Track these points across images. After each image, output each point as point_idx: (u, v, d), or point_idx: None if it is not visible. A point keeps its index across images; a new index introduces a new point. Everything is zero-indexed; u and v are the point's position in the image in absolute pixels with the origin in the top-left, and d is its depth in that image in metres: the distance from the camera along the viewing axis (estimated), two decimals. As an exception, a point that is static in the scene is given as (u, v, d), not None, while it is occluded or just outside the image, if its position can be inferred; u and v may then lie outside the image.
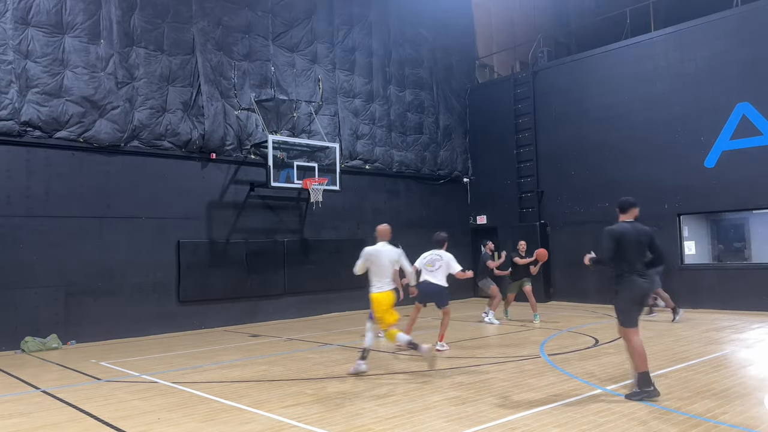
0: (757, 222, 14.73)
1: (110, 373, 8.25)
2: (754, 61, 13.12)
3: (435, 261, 9.35)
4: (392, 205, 16.94)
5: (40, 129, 11.09)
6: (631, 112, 15.08)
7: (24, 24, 11.04)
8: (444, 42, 18.49)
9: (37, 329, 10.81)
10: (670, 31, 14.63)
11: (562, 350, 8.86)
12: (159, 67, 12.64)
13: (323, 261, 14.87)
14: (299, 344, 10.43)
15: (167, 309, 12.42)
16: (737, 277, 13.40)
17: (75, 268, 11.37)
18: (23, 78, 10.95)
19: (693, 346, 8.87)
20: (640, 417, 5.30)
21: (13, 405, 6.57)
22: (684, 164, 14.09)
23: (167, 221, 12.58)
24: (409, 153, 17.41)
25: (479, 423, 5.28)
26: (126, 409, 6.24)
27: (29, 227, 10.95)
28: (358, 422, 5.44)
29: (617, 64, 15.49)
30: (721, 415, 5.29)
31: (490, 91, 18.87)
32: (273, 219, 14.33)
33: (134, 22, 12.38)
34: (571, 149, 16.31)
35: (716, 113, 13.63)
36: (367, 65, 16.54)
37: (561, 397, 6.06)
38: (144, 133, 12.32)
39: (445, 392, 6.46)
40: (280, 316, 13.88)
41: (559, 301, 16.36)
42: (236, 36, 13.91)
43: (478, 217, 18.66)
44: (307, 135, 14.85)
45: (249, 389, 6.98)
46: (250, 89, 14.02)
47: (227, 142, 13.48)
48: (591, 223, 15.80)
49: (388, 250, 7.66)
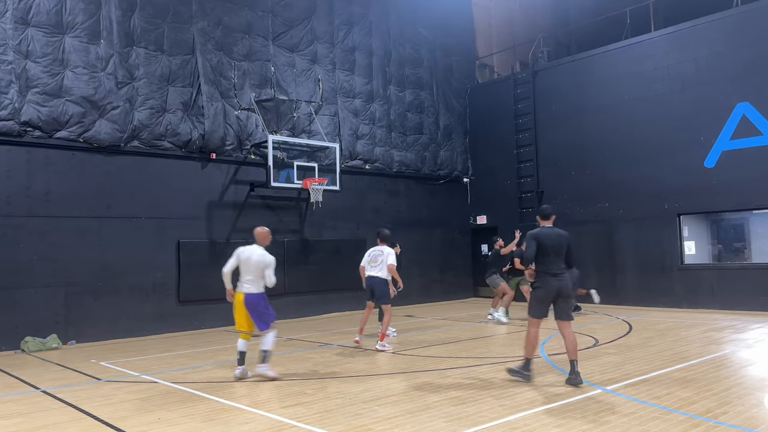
0: (757, 222, 14.73)
1: (110, 373, 8.25)
2: (754, 61, 13.13)
3: (377, 257, 9.65)
4: (392, 205, 16.95)
5: (40, 129, 11.09)
6: (631, 112, 15.09)
7: (24, 24, 11.03)
8: (444, 42, 18.49)
9: (37, 329, 10.80)
10: (670, 31, 14.64)
11: (562, 350, 8.83)
12: (159, 67, 12.64)
13: (323, 261, 14.87)
14: (299, 344, 10.43)
15: (167, 309, 12.42)
16: (737, 277, 13.40)
17: (75, 268, 11.36)
18: (23, 78, 10.95)
19: (693, 346, 8.87)
20: (640, 417, 5.30)
21: (13, 405, 6.57)
22: (684, 164, 14.10)
23: (167, 221, 12.58)
24: (409, 153, 17.41)
25: (479, 423, 5.28)
26: (126, 409, 6.24)
27: (29, 227, 10.95)
28: (358, 422, 5.44)
29: (617, 64, 15.49)
30: (721, 415, 5.29)
31: (490, 91, 18.87)
32: (273, 219, 14.32)
33: (134, 22, 12.38)
34: (571, 149, 16.31)
35: (716, 113, 13.63)
36: (367, 65, 16.54)
37: (561, 397, 6.06)
38: (144, 133, 12.33)
39: (445, 392, 6.46)
40: (280, 316, 13.77)
41: (559, 301, 16.33)
42: (236, 36, 13.91)
43: (478, 217, 18.67)
44: (307, 135, 14.85)
45: (249, 389, 6.98)
46: (250, 89, 14.03)
47: (227, 142, 13.48)
48: (591, 223, 15.84)
49: (260, 254, 7.49)
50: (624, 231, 15.22)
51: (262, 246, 7.62)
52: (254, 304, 7.41)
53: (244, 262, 7.49)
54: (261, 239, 7.67)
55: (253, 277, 7.44)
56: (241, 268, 7.52)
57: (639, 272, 14.90)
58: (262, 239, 7.68)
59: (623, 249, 15.25)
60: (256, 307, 7.41)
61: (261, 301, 7.45)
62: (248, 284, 7.44)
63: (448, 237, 18.24)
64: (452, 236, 18.41)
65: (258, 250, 7.53)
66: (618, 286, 15.22)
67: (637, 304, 14.64)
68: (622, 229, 15.26)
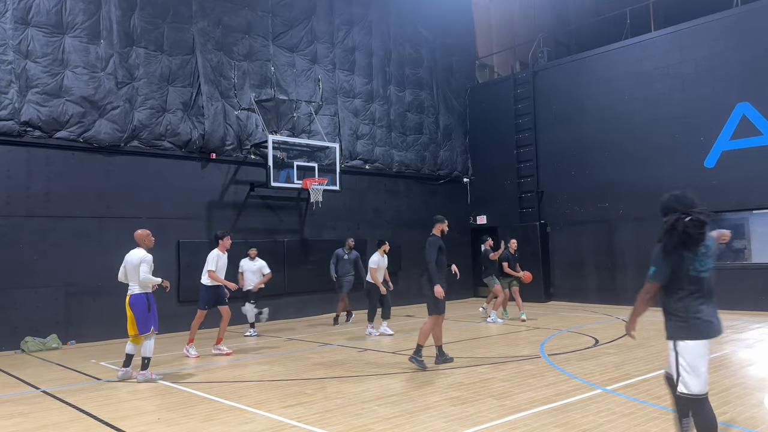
0: (757, 222, 14.71)
1: (110, 373, 8.24)
2: (754, 61, 13.12)
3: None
4: (392, 205, 16.95)
5: (40, 129, 11.09)
6: (631, 112, 15.08)
7: (24, 24, 11.03)
8: (444, 42, 18.49)
9: (37, 329, 10.80)
10: (670, 31, 14.64)
11: (562, 350, 8.86)
12: (159, 67, 12.64)
13: (323, 261, 14.78)
14: (299, 344, 10.43)
15: (167, 309, 12.36)
16: (737, 277, 13.39)
17: (75, 268, 11.36)
18: (23, 78, 10.95)
19: (693, 346, 8.86)
20: (640, 417, 5.30)
21: (13, 405, 6.56)
22: (684, 164, 14.09)
23: (167, 221, 12.57)
24: (409, 153, 17.41)
25: (479, 423, 5.28)
26: (126, 409, 6.24)
27: (29, 227, 10.95)
28: (358, 422, 5.44)
29: (617, 64, 15.49)
30: (721, 415, 5.28)
31: (490, 91, 18.87)
32: (273, 219, 14.33)
33: (134, 22, 12.37)
34: (571, 149, 16.31)
35: (716, 113, 13.63)
36: (367, 65, 16.54)
37: (561, 397, 6.06)
38: (144, 133, 12.32)
39: (445, 392, 6.46)
40: (280, 316, 13.87)
41: (559, 301, 16.36)
42: (236, 36, 13.91)
43: (478, 217, 18.66)
44: (307, 135, 14.85)
45: (249, 389, 6.98)
46: (250, 89, 14.02)
47: (227, 142, 13.48)
48: (591, 223, 15.84)
49: (132, 255, 7.63)
50: (624, 231, 15.22)
51: (143, 247, 7.73)
52: (134, 304, 7.53)
53: (126, 265, 7.70)
54: (140, 241, 7.80)
55: (134, 278, 7.59)
56: (126, 271, 7.71)
57: (639, 272, 14.82)
58: (141, 240, 7.80)
59: (623, 249, 15.24)
60: (136, 308, 7.51)
61: (142, 302, 7.52)
62: (132, 284, 7.61)
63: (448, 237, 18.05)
64: (452, 236, 18.33)
65: (136, 253, 7.66)
66: (618, 286, 15.22)
67: (637, 304, 14.61)
68: (622, 229, 15.26)
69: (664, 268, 3.82)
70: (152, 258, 7.68)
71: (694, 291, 3.81)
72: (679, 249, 3.75)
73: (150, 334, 7.52)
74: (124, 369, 7.68)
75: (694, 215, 3.72)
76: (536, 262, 16.17)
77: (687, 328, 3.82)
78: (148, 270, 7.51)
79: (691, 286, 3.80)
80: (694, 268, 3.79)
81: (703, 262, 3.81)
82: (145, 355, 7.52)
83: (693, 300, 3.81)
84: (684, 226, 3.69)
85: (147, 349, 7.52)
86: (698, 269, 3.80)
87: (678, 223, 3.72)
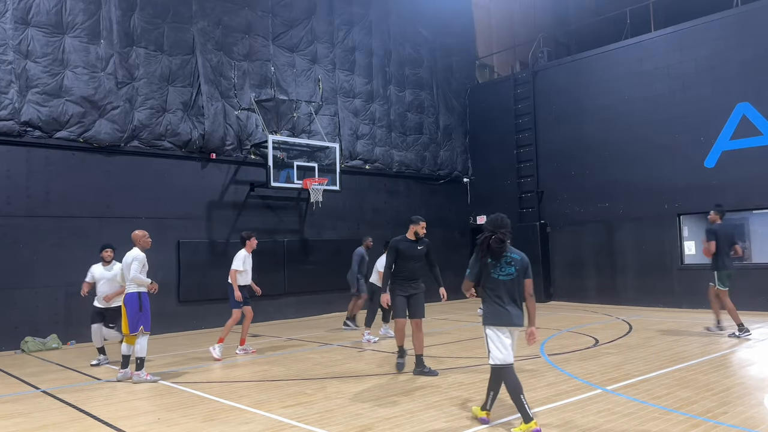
0: (757, 222, 14.73)
1: (110, 373, 8.24)
2: (754, 61, 13.12)
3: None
4: (392, 205, 16.95)
5: (40, 129, 11.09)
6: (631, 112, 15.08)
7: (24, 24, 11.03)
8: (444, 42, 18.49)
9: (37, 329, 10.80)
10: (670, 31, 14.63)
11: (562, 350, 8.86)
12: (159, 67, 12.64)
13: (323, 261, 14.86)
14: (299, 344, 10.43)
15: (167, 309, 12.40)
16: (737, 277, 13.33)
17: (75, 268, 11.31)
18: (23, 78, 10.95)
19: (693, 346, 8.87)
20: (640, 417, 5.30)
21: (13, 405, 6.56)
22: (684, 164, 14.09)
23: (167, 221, 12.57)
24: (409, 153, 17.41)
25: (479, 423, 5.27)
26: (126, 409, 6.24)
27: (29, 227, 10.95)
28: (358, 422, 5.44)
29: (617, 64, 15.49)
30: (721, 415, 5.29)
31: (490, 91, 18.87)
32: (273, 219, 14.33)
33: (134, 22, 12.37)
34: (571, 149, 16.31)
35: (716, 113, 13.63)
36: (367, 65, 16.54)
37: (561, 397, 6.06)
38: (144, 133, 12.32)
39: (445, 392, 6.46)
40: (280, 316, 13.88)
41: (559, 301, 16.36)
42: (236, 36, 13.91)
43: (478, 217, 18.66)
44: (307, 135, 14.85)
45: (249, 389, 6.98)
46: (250, 89, 14.02)
47: (227, 142, 13.48)
48: (591, 223, 15.84)
49: (127, 255, 7.70)
50: (624, 231, 15.22)
51: (140, 248, 7.77)
52: (126, 303, 7.57)
53: (122, 265, 7.79)
54: (136, 241, 7.84)
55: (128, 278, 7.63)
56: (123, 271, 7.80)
57: (639, 272, 14.89)
58: (137, 241, 7.84)
59: (623, 249, 15.24)
60: (128, 307, 7.54)
61: (134, 300, 7.54)
62: (128, 284, 7.65)
63: (448, 237, 18.22)
64: (452, 236, 18.40)
65: (130, 253, 7.70)
66: (618, 286, 15.22)
67: (637, 304, 14.63)
68: (622, 229, 15.26)
69: (474, 270, 5.15)
70: (145, 257, 7.69)
71: (494, 289, 5.06)
72: (485, 258, 5.05)
73: (139, 334, 7.51)
74: (123, 371, 7.66)
75: (498, 234, 4.97)
76: (536, 262, 16.17)
77: (489, 316, 5.10)
78: (138, 268, 7.52)
79: (492, 286, 5.06)
80: (495, 272, 5.06)
81: (504, 269, 5.05)
82: (138, 356, 7.52)
83: (494, 296, 5.06)
84: (489, 241, 4.98)
85: (139, 350, 7.52)
86: (499, 273, 5.05)
87: (485, 240, 5.02)
